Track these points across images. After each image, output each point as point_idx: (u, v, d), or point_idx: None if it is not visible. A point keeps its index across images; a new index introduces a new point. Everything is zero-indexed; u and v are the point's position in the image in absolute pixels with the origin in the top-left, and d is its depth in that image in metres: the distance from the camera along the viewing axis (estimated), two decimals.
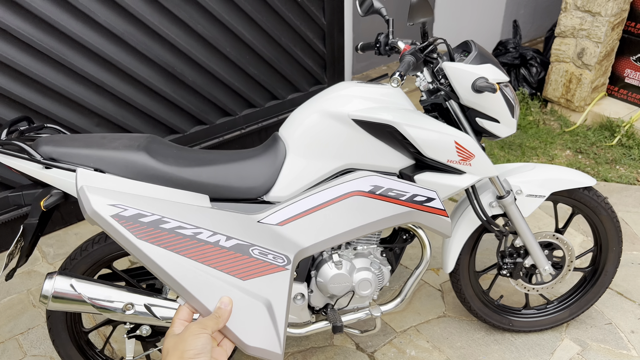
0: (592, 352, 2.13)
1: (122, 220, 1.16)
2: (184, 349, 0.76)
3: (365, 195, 1.57)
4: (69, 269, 1.71)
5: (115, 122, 2.85)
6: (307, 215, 1.52)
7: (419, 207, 1.62)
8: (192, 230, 1.22)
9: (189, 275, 1.11)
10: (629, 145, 3.50)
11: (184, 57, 2.93)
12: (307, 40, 3.40)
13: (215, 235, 1.24)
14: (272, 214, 1.49)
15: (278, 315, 1.13)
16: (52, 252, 2.75)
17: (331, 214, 1.54)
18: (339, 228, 1.54)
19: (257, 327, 1.05)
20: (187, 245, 1.19)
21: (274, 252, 1.31)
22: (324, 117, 1.65)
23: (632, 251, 2.65)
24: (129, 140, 1.62)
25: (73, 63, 2.58)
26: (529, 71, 4.04)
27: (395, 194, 1.59)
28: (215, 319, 0.85)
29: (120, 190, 1.27)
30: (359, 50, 1.99)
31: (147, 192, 1.33)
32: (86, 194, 1.18)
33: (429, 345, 2.19)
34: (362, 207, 1.56)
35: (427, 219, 1.66)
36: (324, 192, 1.56)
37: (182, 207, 1.30)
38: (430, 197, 1.63)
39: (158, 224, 1.20)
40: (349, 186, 1.56)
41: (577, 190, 1.95)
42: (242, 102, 3.30)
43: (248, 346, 1.00)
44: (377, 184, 1.58)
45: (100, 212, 1.16)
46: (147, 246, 1.14)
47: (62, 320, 1.79)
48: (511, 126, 1.76)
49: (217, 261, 1.18)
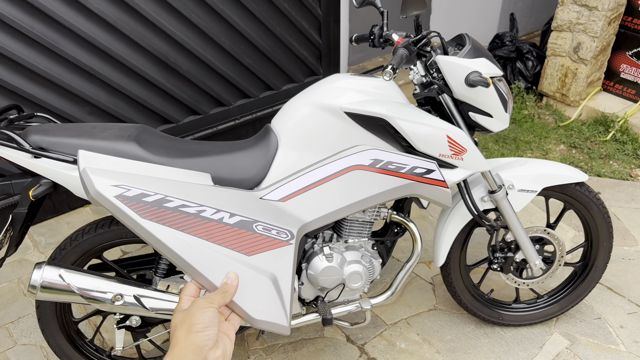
0: (580, 347, 2.14)
1: (126, 200, 1.18)
2: (192, 323, 0.77)
3: (366, 169, 1.59)
4: (59, 259, 1.70)
5: (108, 111, 2.83)
6: (309, 190, 1.55)
7: (418, 179, 1.64)
8: (195, 208, 1.24)
9: (194, 252, 1.13)
10: (622, 141, 3.50)
11: (178, 46, 2.90)
12: (302, 30, 3.38)
13: (218, 213, 1.26)
14: (273, 191, 1.52)
15: (284, 289, 1.15)
16: (44, 241, 2.74)
17: (332, 188, 1.57)
18: (341, 202, 1.57)
19: (263, 301, 1.06)
20: (191, 223, 1.21)
21: (277, 228, 1.34)
22: (317, 110, 1.64)
23: (623, 246, 2.66)
24: (119, 130, 1.61)
25: (65, 51, 2.56)
26: (525, 65, 4.03)
27: (395, 167, 1.61)
28: (222, 294, 0.86)
29: (122, 171, 1.28)
30: (354, 42, 1.98)
31: (150, 172, 1.34)
32: (89, 176, 1.19)
33: (419, 338, 2.20)
34: (362, 181, 1.59)
35: (427, 191, 1.67)
36: (325, 167, 1.58)
37: (185, 186, 1.32)
38: (430, 169, 1.64)
39: (162, 202, 1.22)
40: (349, 160, 1.58)
41: (568, 185, 1.95)
42: (236, 92, 3.28)
43: (256, 320, 1.01)
44: (377, 157, 1.60)
45: (103, 193, 1.17)
46: (151, 225, 1.16)
47: (52, 310, 1.78)
48: (504, 121, 1.76)
49: (221, 238, 1.20)
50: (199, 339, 0.75)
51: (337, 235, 1.84)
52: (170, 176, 1.36)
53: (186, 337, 0.76)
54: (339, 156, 1.59)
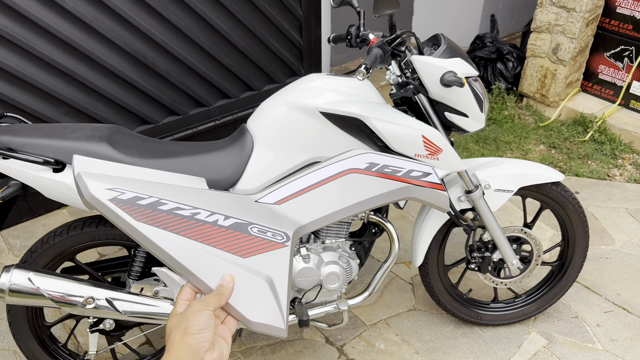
0: (558, 345, 2.16)
1: (120, 203, 1.18)
2: (187, 326, 0.77)
3: (362, 172, 1.58)
4: (29, 262, 1.67)
5: (84, 111, 2.79)
6: (304, 193, 1.54)
7: (415, 182, 1.63)
8: (190, 211, 1.24)
9: (189, 255, 1.12)
10: (601, 141, 3.54)
11: (157, 46, 2.87)
12: (283, 30, 3.36)
13: (213, 215, 1.26)
14: (269, 194, 1.51)
15: (280, 291, 1.14)
16: (19, 244, 2.69)
17: (328, 192, 1.56)
18: (336, 205, 1.56)
19: (259, 303, 1.06)
20: (186, 225, 1.20)
21: (272, 230, 1.33)
22: (292, 110, 1.63)
23: (601, 245, 2.68)
24: (91, 131, 1.59)
25: (40, 50, 2.52)
26: (506, 66, 4.06)
27: (391, 170, 1.60)
28: (218, 296, 0.86)
29: (117, 175, 1.28)
30: (331, 42, 1.97)
31: (144, 176, 1.34)
32: (84, 180, 1.19)
33: (398, 338, 2.20)
34: (358, 185, 1.58)
35: (423, 194, 1.66)
36: (320, 171, 1.57)
37: (179, 189, 1.32)
38: (426, 172, 1.64)
39: (156, 205, 1.21)
40: (345, 164, 1.58)
41: (545, 185, 1.96)
42: (216, 92, 3.26)
43: (252, 322, 1.00)
44: (373, 160, 1.59)
45: (98, 196, 1.17)
46: (146, 228, 1.15)
47: (23, 314, 1.75)
48: (480, 121, 1.76)
49: (216, 240, 1.19)
50: (194, 341, 0.75)
51: (315, 236, 1.83)
52: (165, 180, 1.36)
53: (182, 339, 0.75)
54: (334, 160, 1.59)
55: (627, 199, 3.03)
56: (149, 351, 2.14)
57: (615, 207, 2.97)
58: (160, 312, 1.65)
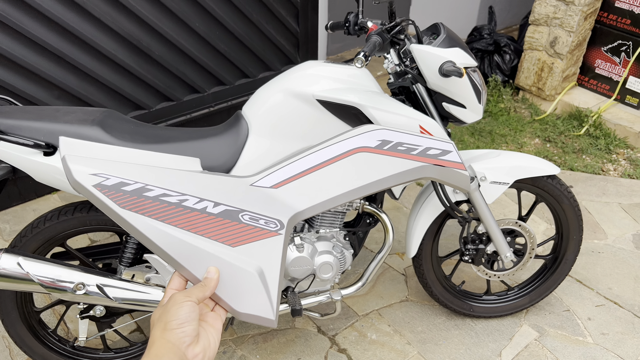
0: (549, 338, 2.16)
1: (105, 189, 1.14)
2: (167, 320, 0.74)
3: (372, 151, 1.47)
4: (19, 246, 1.64)
5: (77, 95, 2.74)
6: (306, 175, 1.44)
7: (433, 161, 1.53)
8: (177, 198, 1.19)
9: (176, 244, 1.09)
10: (596, 136, 3.54)
11: (151, 30, 2.83)
12: (280, 17, 3.32)
13: (202, 202, 1.21)
14: (266, 176, 1.42)
15: (270, 281, 1.11)
16: (9, 229, 2.66)
17: (333, 173, 1.46)
18: (340, 188, 1.46)
19: (248, 293, 1.03)
20: (172, 213, 1.16)
21: (265, 217, 1.27)
22: (288, 97, 1.61)
23: (593, 240, 2.69)
24: (83, 114, 1.55)
25: (32, 32, 2.47)
26: (503, 58, 4.04)
27: (405, 148, 1.50)
28: (202, 287, 0.84)
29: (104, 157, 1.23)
30: (329, 30, 1.94)
31: (133, 158, 1.29)
32: (68, 165, 1.16)
33: (390, 329, 2.19)
34: (367, 165, 1.47)
35: (441, 174, 1.56)
36: (325, 150, 1.46)
37: (168, 173, 1.26)
38: (446, 150, 1.54)
39: (142, 192, 1.17)
40: (354, 142, 1.47)
41: (540, 178, 1.95)
42: (211, 79, 3.22)
43: (239, 313, 0.98)
44: (386, 138, 1.49)
45: (82, 182, 1.14)
46: (131, 215, 1.12)
47: (12, 299, 1.72)
48: (477, 112, 1.74)
49: (204, 228, 1.16)
50: (174, 336, 0.73)
51: (309, 226, 1.82)
52: (155, 162, 1.31)
53: (162, 335, 0.73)
54: (341, 137, 1.47)
55: (620, 194, 3.04)
56: (140, 338, 2.13)
57: (609, 201, 2.97)
58: (151, 299, 1.63)
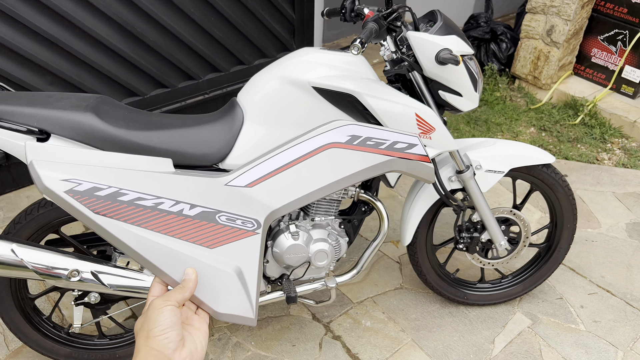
0: (542, 326, 2.18)
1: (77, 195, 1.09)
2: (149, 328, 0.74)
3: (342, 146, 1.48)
4: (13, 233, 1.63)
5: (70, 81, 2.72)
6: (279, 173, 1.44)
7: (400, 154, 1.55)
8: (152, 201, 1.17)
9: (153, 248, 1.07)
10: (591, 125, 3.54)
11: (145, 16, 2.80)
12: (275, 4, 3.29)
13: (178, 205, 1.19)
14: (240, 175, 1.41)
15: (249, 281, 1.11)
16: (2, 215, 2.64)
17: (305, 170, 1.46)
18: (314, 184, 1.47)
19: (227, 294, 1.03)
20: (148, 217, 1.13)
21: (242, 217, 1.26)
22: (284, 84, 1.60)
23: (587, 228, 2.70)
24: (77, 100, 1.54)
25: (24, 17, 2.44)
26: (499, 46, 4.03)
27: (374, 143, 1.51)
28: (180, 289, 0.84)
29: (73, 161, 1.18)
30: (325, 16, 1.93)
31: (103, 162, 1.24)
32: (36, 170, 1.10)
33: (385, 316, 2.21)
34: (338, 160, 1.48)
35: (408, 167, 1.58)
36: (297, 147, 1.47)
37: (141, 176, 1.23)
38: (411, 143, 1.56)
39: (116, 196, 1.13)
40: (324, 138, 1.47)
41: (535, 167, 1.95)
42: (206, 65, 3.20)
43: (219, 313, 0.98)
44: (355, 133, 1.49)
45: (52, 188, 1.08)
46: (106, 221, 1.09)
47: (6, 286, 1.72)
48: (474, 100, 1.74)
49: (181, 231, 1.13)
50: (158, 343, 0.73)
51: (304, 213, 1.82)
52: (126, 164, 1.26)
53: (145, 343, 0.73)
54: (312, 134, 1.49)
55: (614, 183, 3.05)
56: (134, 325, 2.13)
57: (603, 190, 2.99)
58: (145, 286, 1.63)
